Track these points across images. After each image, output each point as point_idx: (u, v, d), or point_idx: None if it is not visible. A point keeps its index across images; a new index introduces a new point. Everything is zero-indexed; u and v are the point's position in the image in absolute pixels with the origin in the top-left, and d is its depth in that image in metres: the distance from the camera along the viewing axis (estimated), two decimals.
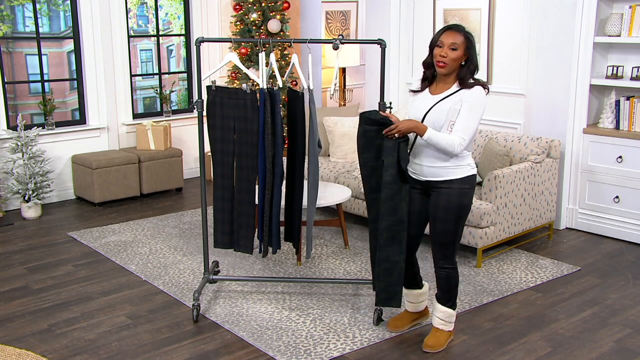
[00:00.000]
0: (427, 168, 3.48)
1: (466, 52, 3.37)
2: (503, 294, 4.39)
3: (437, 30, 6.47)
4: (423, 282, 3.89)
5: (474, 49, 3.39)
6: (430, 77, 3.51)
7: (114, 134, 6.88)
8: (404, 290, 3.78)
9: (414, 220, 3.62)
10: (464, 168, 3.46)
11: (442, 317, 3.68)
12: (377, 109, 3.65)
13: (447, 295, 3.65)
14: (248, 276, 4.69)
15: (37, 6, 6.34)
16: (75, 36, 6.58)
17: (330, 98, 4.63)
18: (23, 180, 5.98)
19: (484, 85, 3.42)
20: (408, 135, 3.46)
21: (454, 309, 3.68)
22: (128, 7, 6.90)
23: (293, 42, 4.08)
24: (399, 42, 6.75)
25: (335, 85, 4.11)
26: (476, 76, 3.45)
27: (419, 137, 3.44)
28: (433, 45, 3.42)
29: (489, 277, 4.66)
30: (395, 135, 3.40)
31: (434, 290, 3.79)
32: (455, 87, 3.42)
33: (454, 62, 3.36)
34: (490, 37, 6.12)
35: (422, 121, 3.43)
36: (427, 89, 3.52)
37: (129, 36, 6.92)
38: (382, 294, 3.66)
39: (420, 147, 3.48)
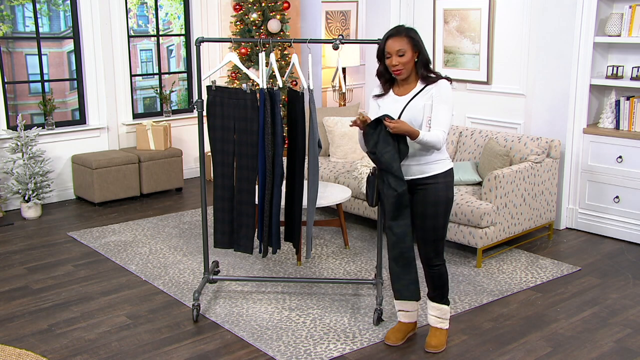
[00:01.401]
0: (411, 167, 3.48)
1: (414, 49, 3.39)
2: (503, 294, 4.39)
3: (437, 30, 6.49)
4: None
5: (420, 42, 3.41)
6: (391, 80, 3.52)
7: (114, 134, 6.88)
8: (401, 301, 3.76)
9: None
10: (444, 161, 3.50)
11: (438, 315, 3.68)
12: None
13: (441, 292, 3.65)
14: (248, 276, 4.69)
15: (37, 6, 6.34)
16: (75, 36, 6.58)
17: (333, 92, 4.58)
18: (23, 180, 5.98)
19: (447, 78, 3.47)
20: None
21: (448, 305, 3.69)
22: (128, 7, 6.90)
23: (293, 42, 4.08)
24: None
25: (335, 84, 4.09)
26: (446, 71, 3.45)
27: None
28: (380, 56, 3.44)
29: (489, 277, 4.66)
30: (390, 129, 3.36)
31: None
32: (420, 84, 3.45)
33: (408, 64, 3.40)
34: (490, 37, 6.12)
35: None
36: (390, 92, 3.53)
37: (129, 36, 6.92)
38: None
39: None
